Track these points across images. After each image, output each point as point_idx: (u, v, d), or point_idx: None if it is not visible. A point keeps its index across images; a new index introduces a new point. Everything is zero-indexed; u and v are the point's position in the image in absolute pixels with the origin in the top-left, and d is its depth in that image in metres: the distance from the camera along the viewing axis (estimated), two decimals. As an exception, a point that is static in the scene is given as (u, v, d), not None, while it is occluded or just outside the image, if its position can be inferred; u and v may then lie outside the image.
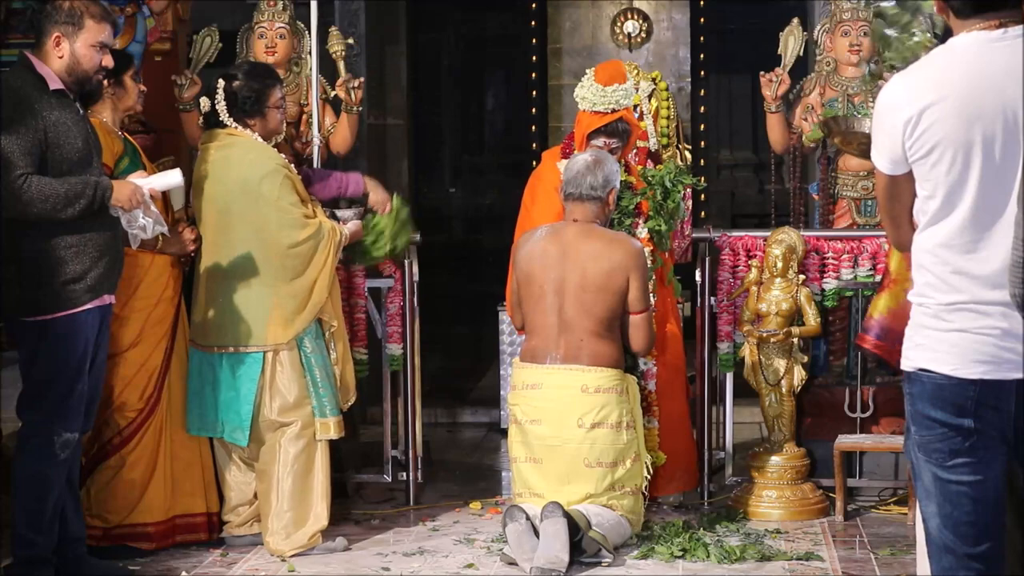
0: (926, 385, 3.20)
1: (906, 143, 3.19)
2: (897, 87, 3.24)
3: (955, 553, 3.20)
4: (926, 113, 3.16)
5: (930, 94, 3.16)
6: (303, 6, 6.57)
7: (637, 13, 10.33)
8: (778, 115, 6.80)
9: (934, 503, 3.22)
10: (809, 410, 6.52)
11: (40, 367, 4.95)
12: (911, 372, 3.25)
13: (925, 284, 3.22)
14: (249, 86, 5.68)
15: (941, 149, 3.15)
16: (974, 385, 3.13)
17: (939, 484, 3.19)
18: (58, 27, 4.94)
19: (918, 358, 3.23)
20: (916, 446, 3.25)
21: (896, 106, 3.21)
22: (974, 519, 3.17)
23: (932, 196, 3.19)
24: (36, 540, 4.99)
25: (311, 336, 5.64)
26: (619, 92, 6.03)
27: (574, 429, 5.46)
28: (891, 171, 3.27)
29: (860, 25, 6.76)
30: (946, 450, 3.17)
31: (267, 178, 5.59)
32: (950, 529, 3.20)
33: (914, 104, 3.17)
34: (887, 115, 3.23)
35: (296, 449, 5.60)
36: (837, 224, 6.75)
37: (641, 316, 5.61)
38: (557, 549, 5.20)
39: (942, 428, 3.17)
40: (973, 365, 3.13)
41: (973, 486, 3.16)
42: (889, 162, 3.26)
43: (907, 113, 3.18)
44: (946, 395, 3.16)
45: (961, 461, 3.16)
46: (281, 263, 5.58)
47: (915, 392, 3.24)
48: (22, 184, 4.78)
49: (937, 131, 3.15)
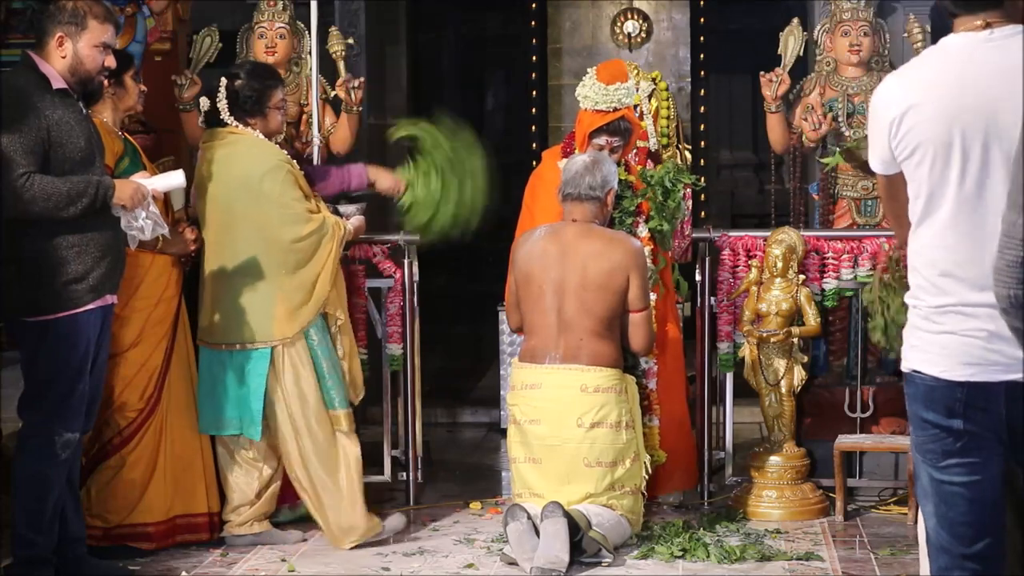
0: (919, 387, 3.22)
1: (891, 143, 3.23)
2: (886, 87, 3.28)
3: (951, 553, 3.21)
4: (909, 114, 3.18)
5: (914, 95, 3.19)
6: (303, 6, 6.57)
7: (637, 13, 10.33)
8: (778, 115, 6.80)
9: (931, 503, 3.24)
10: (809, 410, 6.52)
11: (41, 367, 4.96)
12: (907, 373, 3.28)
13: (916, 286, 3.25)
14: (251, 86, 5.69)
15: (923, 150, 3.18)
16: (962, 387, 3.14)
17: (934, 484, 3.21)
18: (61, 27, 4.94)
19: (912, 359, 3.25)
20: (913, 446, 3.27)
21: (883, 106, 3.25)
22: (969, 519, 3.18)
23: (918, 196, 3.22)
24: (36, 540, 4.99)
25: (317, 329, 5.66)
26: (621, 91, 6.03)
27: (573, 429, 5.46)
28: (884, 171, 3.31)
29: (860, 25, 6.76)
30: (939, 451, 3.18)
31: (269, 174, 5.60)
32: (946, 529, 3.21)
33: (899, 104, 3.20)
34: (875, 115, 3.28)
35: (323, 446, 5.63)
36: (837, 224, 6.74)
37: (641, 315, 5.61)
38: (557, 549, 5.20)
39: (934, 429, 3.19)
40: (960, 367, 3.14)
41: (967, 487, 3.16)
42: (880, 162, 3.30)
43: (892, 113, 3.21)
44: (937, 396, 3.17)
45: (954, 462, 3.17)
46: (284, 259, 5.60)
47: (910, 393, 3.26)
48: (24, 183, 4.78)
49: (919, 132, 3.17)
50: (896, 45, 7.03)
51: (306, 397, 5.63)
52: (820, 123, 6.64)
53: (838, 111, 6.72)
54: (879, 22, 6.89)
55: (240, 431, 5.66)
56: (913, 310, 3.26)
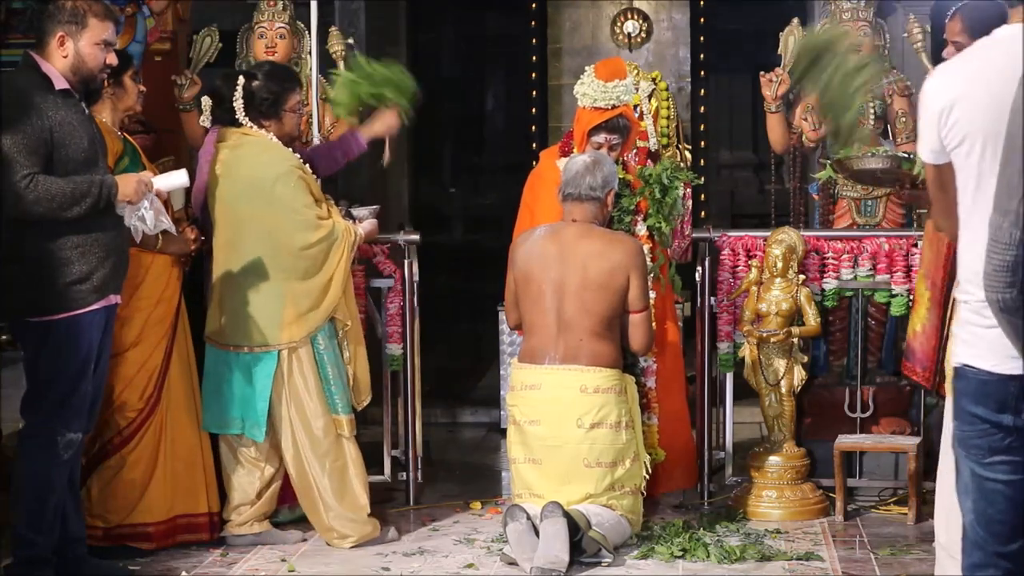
0: (971, 381, 3.18)
1: (941, 132, 3.21)
2: (936, 78, 3.27)
3: (985, 550, 3.19)
4: (958, 104, 3.18)
5: (963, 85, 3.18)
6: (303, 6, 6.57)
7: (637, 13, 10.33)
8: (778, 115, 6.80)
9: (970, 499, 3.21)
10: (809, 410, 6.52)
11: (44, 367, 4.95)
12: (957, 367, 3.24)
13: (966, 280, 3.21)
14: (268, 87, 5.68)
15: (971, 140, 3.17)
16: (1014, 381, 3.11)
17: (977, 480, 3.19)
18: (62, 27, 4.94)
19: (963, 354, 3.21)
20: (957, 441, 3.23)
21: (933, 96, 3.24)
22: (1008, 518, 3.16)
23: (966, 187, 3.20)
24: (36, 540, 4.99)
25: (325, 334, 5.66)
26: (620, 88, 6.02)
27: (573, 429, 5.46)
28: (933, 160, 3.29)
29: (860, 25, 6.75)
30: (986, 447, 3.15)
31: (281, 179, 5.59)
32: (983, 526, 3.18)
33: (948, 94, 3.20)
34: (925, 106, 3.26)
35: (325, 449, 5.63)
36: (837, 224, 6.74)
37: (641, 315, 5.61)
38: (557, 549, 5.20)
39: (984, 424, 3.15)
40: (1010, 360, 3.11)
41: (1010, 485, 3.15)
42: (931, 152, 3.28)
43: (941, 103, 3.20)
44: (990, 391, 3.14)
45: (999, 459, 3.14)
46: (294, 264, 5.59)
47: (960, 387, 3.22)
48: (28, 184, 4.78)
49: (968, 122, 3.16)
50: (896, 45, 7.03)
51: (309, 401, 5.63)
52: (820, 123, 6.64)
53: (838, 112, 6.71)
54: (879, 22, 6.88)
55: (242, 431, 5.67)
56: (963, 305, 3.23)
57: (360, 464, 5.73)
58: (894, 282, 6.25)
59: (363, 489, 5.71)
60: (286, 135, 5.75)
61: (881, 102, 6.72)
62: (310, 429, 5.63)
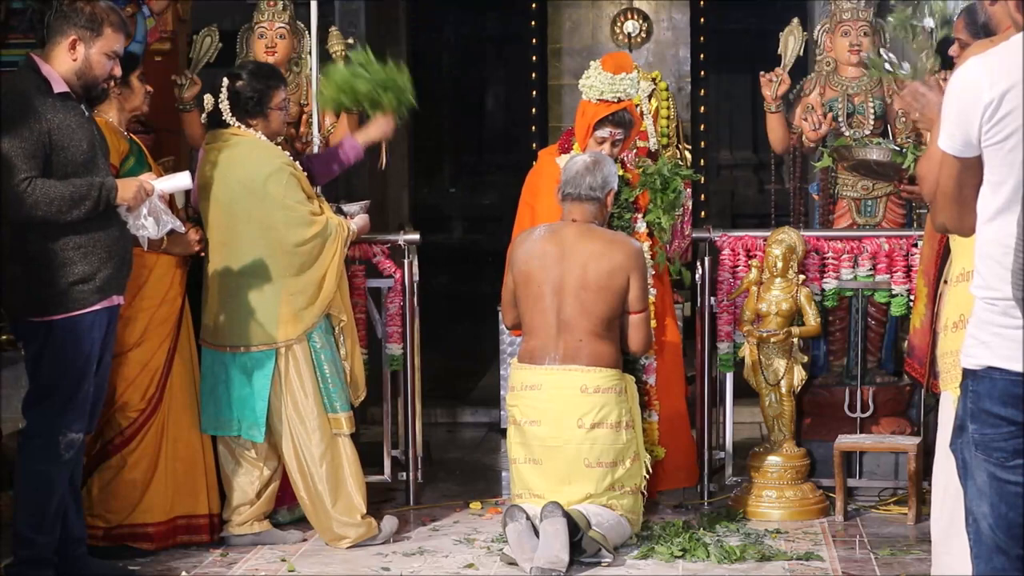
0: (996, 383, 3.08)
1: (983, 127, 3.09)
2: (976, 69, 3.13)
3: (1008, 555, 3.13)
4: (1007, 97, 3.06)
5: (1011, 78, 3.07)
6: (303, 6, 6.57)
7: (637, 13, 10.34)
8: (778, 115, 6.80)
9: (987, 503, 3.15)
10: (809, 410, 6.53)
11: (46, 367, 4.95)
12: (977, 370, 3.14)
13: (993, 276, 3.10)
14: (252, 86, 5.69)
15: (1019, 135, 3.06)
16: None
17: (995, 484, 3.12)
18: (76, 30, 4.92)
19: (986, 356, 3.11)
20: (974, 444, 3.15)
21: (974, 89, 3.11)
22: None
23: (1003, 182, 3.09)
24: (37, 540, 4.99)
25: (320, 331, 5.67)
26: (627, 81, 6.02)
27: (574, 429, 5.46)
28: (962, 153, 3.14)
29: (860, 25, 6.76)
30: (1009, 449, 3.09)
31: (272, 177, 5.61)
32: (1003, 530, 3.13)
33: (995, 87, 3.07)
34: (964, 97, 3.13)
35: (321, 448, 5.63)
36: (837, 224, 6.74)
37: (640, 316, 5.61)
38: (557, 549, 5.20)
39: (1009, 426, 3.08)
40: None
41: None
42: (962, 144, 3.13)
43: (987, 97, 3.08)
44: (1020, 392, 3.05)
45: (1021, 462, 3.08)
46: (288, 261, 5.60)
47: (982, 390, 3.12)
48: (26, 187, 4.77)
49: (1017, 117, 3.05)
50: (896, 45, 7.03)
51: (306, 400, 5.64)
52: (820, 123, 6.64)
53: (838, 111, 6.71)
54: (879, 22, 6.89)
55: (240, 432, 5.67)
56: (986, 303, 3.13)
57: (356, 464, 5.73)
58: (894, 282, 6.25)
59: (358, 490, 5.71)
60: (273, 133, 5.77)
61: (881, 102, 6.72)
62: (307, 428, 5.64)
